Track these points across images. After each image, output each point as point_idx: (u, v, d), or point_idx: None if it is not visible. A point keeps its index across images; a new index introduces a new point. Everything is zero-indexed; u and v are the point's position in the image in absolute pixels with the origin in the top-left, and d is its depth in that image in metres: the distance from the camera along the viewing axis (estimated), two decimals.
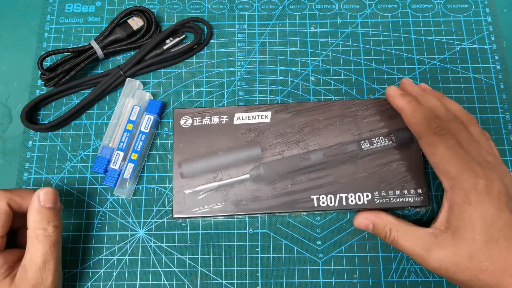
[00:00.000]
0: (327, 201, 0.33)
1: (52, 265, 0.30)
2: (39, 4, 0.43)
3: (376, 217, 0.32)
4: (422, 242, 0.29)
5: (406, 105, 0.30)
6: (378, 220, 0.32)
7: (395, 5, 0.43)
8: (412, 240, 0.30)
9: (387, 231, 0.31)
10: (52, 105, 0.40)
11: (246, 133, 0.35)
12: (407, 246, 0.30)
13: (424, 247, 0.29)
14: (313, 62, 0.41)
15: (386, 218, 0.32)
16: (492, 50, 0.41)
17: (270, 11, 0.43)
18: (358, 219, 0.33)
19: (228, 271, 0.35)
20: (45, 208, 0.30)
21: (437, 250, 0.28)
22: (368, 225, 0.32)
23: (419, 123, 0.30)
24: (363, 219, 0.32)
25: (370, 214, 0.32)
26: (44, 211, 0.30)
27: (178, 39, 0.40)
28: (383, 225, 0.31)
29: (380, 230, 0.31)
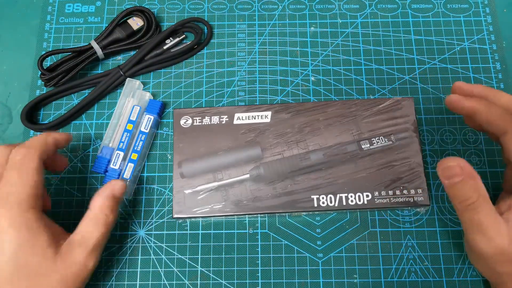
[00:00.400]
0: (327, 201, 0.33)
1: (98, 252, 0.31)
2: (39, 4, 0.43)
3: (472, 175, 0.28)
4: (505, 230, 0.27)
5: (478, 105, 0.30)
6: (472, 182, 0.28)
7: (395, 5, 0.43)
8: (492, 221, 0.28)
9: (474, 199, 0.28)
10: (52, 105, 0.40)
11: (246, 133, 0.35)
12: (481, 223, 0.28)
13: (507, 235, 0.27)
14: (313, 62, 0.41)
15: (480, 186, 0.28)
16: (492, 50, 0.41)
17: (270, 11, 0.43)
18: (449, 160, 0.28)
19: (228, 271, 0.35)
20: (115, 197, 0.32)
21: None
22: (454, 174, 0.28)
23: (500, 119, 0.29)
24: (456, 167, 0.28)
25: (468, 166, 0.28)
26: (114, 200, 0.32)
27: (178, 39, 0.40)
28: (474, 189, 0.28)
29: (467, 192, 0.28)
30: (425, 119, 0.38)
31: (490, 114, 0.30)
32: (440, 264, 0.34)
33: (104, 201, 0.31)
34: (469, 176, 0.28)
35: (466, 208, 0.28)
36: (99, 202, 0.31)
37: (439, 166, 0.29)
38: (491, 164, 0.37)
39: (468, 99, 0.31)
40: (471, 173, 0.28)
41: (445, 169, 0.28)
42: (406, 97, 0.36)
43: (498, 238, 0.27)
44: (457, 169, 0.28)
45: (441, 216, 0.36)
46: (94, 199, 0.32)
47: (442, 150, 0.38)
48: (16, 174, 0.29)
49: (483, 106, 0.30)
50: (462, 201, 0.28)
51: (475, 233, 0.28)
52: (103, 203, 0.31)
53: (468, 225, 0.29)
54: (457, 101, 0.31)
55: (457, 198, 0.28)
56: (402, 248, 0.35)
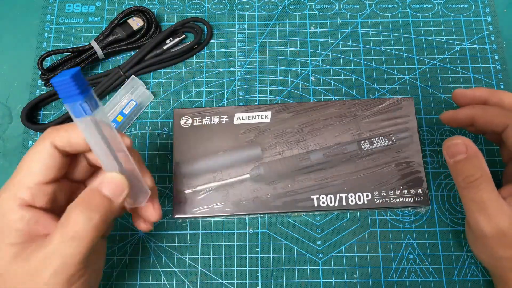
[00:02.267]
0: (327, 201, 0.33)
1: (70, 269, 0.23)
2: (39, 4, 0.43)
3: (476, 154, 0.28)
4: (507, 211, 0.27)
5: (473, 111, 0.30)
6: (476, 160, 0.28)
7: (395, 5, 0.43)
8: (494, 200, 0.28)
9: (478, 176, 0.28)
10: (52, 105, 0.40)
11: (246, 133, 0.35)
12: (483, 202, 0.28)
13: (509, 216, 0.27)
14: (313, 62, 0.41)
15: (484, 165, 0.28)
16: (492, 50, 0.41)
17: (270, 11, 0.43)
18: (456, 139, 0.29)
19: (228, 271, 0.35)
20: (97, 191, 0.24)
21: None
22: (459, 152, 0.28)
23: (499, 116, 0.29)
24: (461, 144, 0.28)
25: (473, 146, 0.28)
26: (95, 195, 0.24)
27: (178, 39, 0.40)
28: (477, 166, 0.28)
29: (471, 169, 0.28)
30: (425, 119, 0.38)
31: (487, 115, 0.30)
32: (440, 264, 0.34)
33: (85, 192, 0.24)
34: (474, 155, 0.28)
35: (468, 185, 0.28)
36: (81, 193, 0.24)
37: (444, 144, 0.29)
38: (491, 164, 0.37)
39: (461, 110, 0.31)
40: (476, 151, 0.28)
41: (450, 146, 0.29)
42: (406, 97, 0.36)
43: (500, 218, 0.27)
44: (462, 147, 0.28)
45: (441, 216, 0.36)
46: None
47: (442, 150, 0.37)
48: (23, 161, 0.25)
49: (478, 109, 0.30)
50: (465, 177, 0.28)
51: (476, 212, 0.28)
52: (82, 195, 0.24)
53: (469, 204, 0.29)
54: (451, 117, 0.32)
55: (460, 175, 0.29)
56: (402, 248, 0.35)
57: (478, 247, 0.31)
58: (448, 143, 0.29)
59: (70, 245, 0.23)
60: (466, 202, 0.29)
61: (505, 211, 0.27)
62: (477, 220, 0.28)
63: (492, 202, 0.28)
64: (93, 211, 0.23)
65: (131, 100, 0.38)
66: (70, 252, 0.23)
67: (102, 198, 0.24)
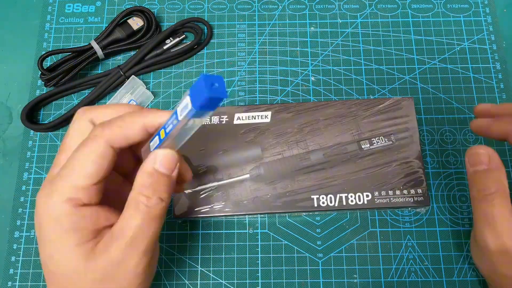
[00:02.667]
0: (327, 201, 0.33)
1: (142, 247, 0.23)
2: (39, 4, 0.43)
3: (498, 166, 0.28)
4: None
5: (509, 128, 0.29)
6: (496, 173, 0.28)
7: (395, 5, 0.43)
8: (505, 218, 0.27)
9: (493, 191, 0.27)
10: (52, 105, 0.40)
11: (246, 133, 0.35)
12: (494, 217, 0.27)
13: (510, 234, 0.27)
14: (313, 62, 0.41)
15: (503, 180, 0.28)
16: (492, 50, 0.41)
17: (270, 11, 0.43)
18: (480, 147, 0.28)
19: (228, 271, 0.35)
20: (158, 172, 0.24)
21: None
22: (481, 162, 0.28)
23: None
24: (485, 155, 0.28)
25: (495, 154, 0.28)
26: (157, 177, 0.24)
27: (178, 39, 0.40)
28: (495, 180, 0.28)
29: (488, 182, 0.28)
30: (425, 119, 0.38)
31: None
32: (440, 264, 0.34)
33: (144, 179, 0.23)
34: (495, 167, 0.28)
35: (482, 198, 0.28)
36: (139, 179, 0.24)
37: (468, 151, 0.29)
38: None
39: (496, 123, 0.30)
40: (498, 165, 0.28)
41: (473, 155, 0.28)
42: (406, 97, 0.36)
43: (507, 236, 0.27)
44: (485, 158, 0.28)
45: (441, 216, 0.36)
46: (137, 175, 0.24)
47: (442, 150, 0.38)
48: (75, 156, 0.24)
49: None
50: (480, 190, 0.28)
51: (485, 225, 0.28)
52: (142, 182, 0.23)
53: (479, 217, 0.28)
54: (484, 127, 0.30)
55: (476, 186, 0.28)
56: (402, 248, 0.35)
57: (480, 260, 0.31)
58: (472, 151, 0.28)
59: (150, 226, 0.23)
60: (476, 214, 0.29)
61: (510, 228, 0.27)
62: (484, 234, 0.28)
63: (503, 220, 0.27)
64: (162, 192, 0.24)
65: (131, 100, 0.38)
66: (151, 232, 0.23)
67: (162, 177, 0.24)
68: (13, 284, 0.35)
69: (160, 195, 0.24)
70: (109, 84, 0.39)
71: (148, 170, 0.24)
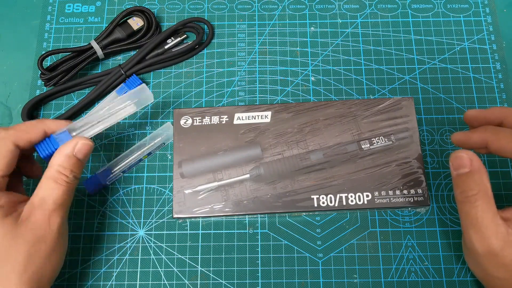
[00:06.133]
0: (327, 201, 0.33)
1: (61, 213, 0.29)
2: (39, 4, 0.43)
3: (479, 169, 0.28)
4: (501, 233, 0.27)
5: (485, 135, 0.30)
6: (478, 176, 0.28)
7: (395, 5, 0.43)
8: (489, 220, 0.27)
9: (475, 192, 0.28)
10: (52, 105, 0.40)
11: (246, 133, 0.35)
12: (479, 218, 0.27)
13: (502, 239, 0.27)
14: (313, 62, 0.41)
15: (485, 182, 0.28)
16: (492, 50, 0.41)
17: (270, 11, 0.43)
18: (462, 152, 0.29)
19: (228, 271, 0.35)
20: (75, 157, 0.30)
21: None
22: (462, 165, 0.28)
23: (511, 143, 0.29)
24: (466, 158, 0.28)
25: (475, 157, 0.28)
26: (74, 160, 0.30)
27: (179, 39, 0.40)
28: (477, 182, 0.28)
29: (470, 184, 0.28)
30: (425, 119, 0.38)
31: (500, 141, 0.29)
32: (440, 264, 0.34)
33: (63, 160, 0.30)
34: (476, 170, 0.28)
35: (465, 200, 0.28)
36: (58, 160, 0.30)
37: (451, 156, 0.29)
38: (491, 164, 0.37)
39: (474, 134, 0.30)
40: (479, 167, 0.28)
41: (456, 158, 0.29)
42: (406, 97, 0.36)
43: (492, 239, 0.27)
44: (466, 161, 0.28)
45: (441, 216, 0.36)
46: (54, 156, 0.30)
47: (442, 150, 0.38)
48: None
49: (491, 134, 0.29)
50: (463, 191, 0.28)
51: (470, 227, 0.28)
52: (61, 162, 0.30)
53: (464, 219, 0.29)
54: (463, 140, 0.31)
55: (459, 188, 0.29)
56: (402, 248, 0.35)
57: (471, 262, 0.31)
58: (454, 155, 0.29)
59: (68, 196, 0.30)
60: (461, 216, 0.29)
61: (500, 232, 0.27)
62: (471, 237, 0.28)
63: (487, 221, 0.27)
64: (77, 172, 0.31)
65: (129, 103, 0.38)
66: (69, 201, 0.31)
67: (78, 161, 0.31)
68: None
69: (76, 175, 0.30)
70: (110, 83, 0.39)
71: (68, 153, 0.30)
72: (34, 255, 0.28)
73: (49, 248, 0.29)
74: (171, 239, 0.35)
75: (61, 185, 0.29)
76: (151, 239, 0.36)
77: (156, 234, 0.36)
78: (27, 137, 0.30)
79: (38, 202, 0.29)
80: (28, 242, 0.28)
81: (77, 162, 0.30)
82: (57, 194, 0.29)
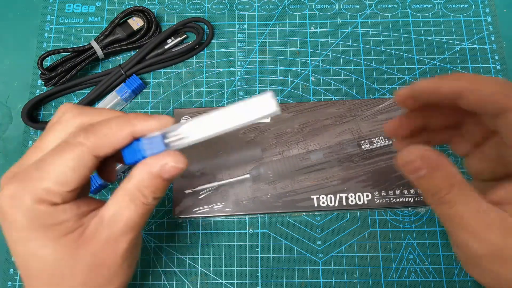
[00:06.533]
0: (327, 201, 0.33)
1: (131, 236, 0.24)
2: (39, 4, 0.43)
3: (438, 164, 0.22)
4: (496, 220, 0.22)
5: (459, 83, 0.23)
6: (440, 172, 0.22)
7: (395, 5, 0.43)
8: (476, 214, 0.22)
9: (447, 191, 0.22)
10: (52, 105, 0.40)
11: (246, 133, 0.35)
12: (465, 217, 0.22)
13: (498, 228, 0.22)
14: (313, 62, 0.41)
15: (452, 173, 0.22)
16: (492, 50, 0.41)
17: (270, 11, 0.43)
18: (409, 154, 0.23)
19: (228, 271, 0.35)
20: (161, 177, 0.24)
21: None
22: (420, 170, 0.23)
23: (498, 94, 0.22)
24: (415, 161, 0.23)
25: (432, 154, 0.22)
26: (158, 181, 0.24)
27: (179, 39, 0.40)
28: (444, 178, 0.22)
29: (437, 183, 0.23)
30: None
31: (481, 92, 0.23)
32: (440, 264, 0.34)
33: (145, 180, 0.23)
34: (436, 165, 0.22)
35: (440, 202, 0.23)
36: (139, 177, 0.23)
37: (399, 160, 0.23)
38: None
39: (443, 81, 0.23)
40: (436, 162, 0.22)
41: (405, 165, 0.23)
42: None
43: (489, 232, 0.22)
44: (418, 163, 0.23)
45: None
46: (137, 168, 0.23)
47: (442, 150, 0.37)
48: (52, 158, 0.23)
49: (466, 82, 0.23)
50: (434, 194, 0.23)
51: (459, 230, 0.23)
52: (143, 182, 0.23)
53: (448, 223, 0.23)
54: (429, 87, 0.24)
55: (428, 192, 0.23)
56: (402, 248, 0.35)
57: (476, 271, 0.25)
58: (402, 161, 0.23)
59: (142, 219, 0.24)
60: (444, 221, 0.24)
61: (493, 221, 0.22)
62: (464, 240, 0.23)
63: (474, 215, 0.22)
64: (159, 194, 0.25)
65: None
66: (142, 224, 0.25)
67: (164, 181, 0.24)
68: (13, 284, 0.35)
69: (157, 196, 0.24)
70: (110, 82, 0.39)
71: (153, 172, 0.23)
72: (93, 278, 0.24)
73: (112, 273, 0.24)
74: (171, 239, 0.35)
75: (137, 206, 0.24)
76: (151, 239, 0.35)
77: (156, 234, 0.36)
78: (110, 144, 0.23)
79: (107, 219, 0.23)
80: (87, 266, 0.23)
81: (162, 183, 0.24)
82: (129, 215, 0.24)
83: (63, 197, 0.23)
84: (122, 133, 0.23)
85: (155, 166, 0.23)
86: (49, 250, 0.23)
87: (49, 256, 0.23)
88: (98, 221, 0.24)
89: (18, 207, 0.22)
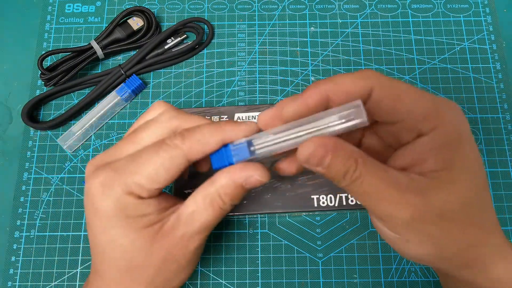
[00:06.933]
0: (327, 201, 0.33)
1: (203, 236, 0.26)
2: (39, 4, 0.43)
3: (337, 146, 0.21)
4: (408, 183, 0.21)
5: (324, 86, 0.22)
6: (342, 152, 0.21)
7: (395, 5, 0.43)
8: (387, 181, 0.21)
9: (353, 167, 0.21)
10: (52, 105, 0.40)
11: None
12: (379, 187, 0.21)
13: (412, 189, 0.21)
14: (313, 62, 0.41)
15: (353, 150, 0.22)
16: (492, 50, 0.41)
17: (270, 11, 0.43)
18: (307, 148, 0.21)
19: (228, 271, 0.35)
20: (242, 188, 0.25)
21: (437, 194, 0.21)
22: (324, 158, 0.21)
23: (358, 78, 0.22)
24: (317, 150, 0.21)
25: (327, 139, 0.21)
26: (239, 190, 0.25)
27: (180, 39, 0.40)
28: (346, 156, 0.21)
29: (344, 165, 0.21)
30: None
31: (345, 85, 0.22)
32: None
33: (228, 187, 0.24)
34: (335, 150, 0.21)
35: (351, 181, 0.22)
36: (222, 182, 0.24)
37: (300, 156, 0.22)
38: (491, 164, 0.37)
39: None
40: (334, 144, 0.21)
41: (309, 158, 0.22)
42: None
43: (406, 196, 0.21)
44: (320, 152, 0.21)
45: None
46: (222, 174, 0.24)
47: None
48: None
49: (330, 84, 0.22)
50: (344, 176, 0.22)
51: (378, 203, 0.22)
52: (225, 189, 0.24)
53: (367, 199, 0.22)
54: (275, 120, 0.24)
55: (338, 176, 0.22)
56: None
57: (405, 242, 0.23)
58: (304, 156, 0.22)
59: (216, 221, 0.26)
60: (362, 200, 0.22)
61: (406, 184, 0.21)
62: (386, 210, 0.22)
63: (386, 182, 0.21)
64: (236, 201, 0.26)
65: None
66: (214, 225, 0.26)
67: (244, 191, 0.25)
68: (13, 284, 0.35)
69: (234, 203, 0.26)
70: (110, 83, 0.39)
71: (237, 181, 0.24)
72: (164, 271, 0.26)
73: (181, 267, 0.26)
74: None
75: (214, 209, 0.25)
76: None
77: None
78: (203, 150, 0.24)
79: (185, 217, 0.25)
80: (161, 259, 0.25)
81: (242, 192, 0.25)
82: (207, 217, 0.25)
83: (150, 192, 0.24)
84: (213, 139, 0.24)
85: (240, 176, 0.24)
86: (129, 239, 0.24)
87: (129, 246, 0.24)
88: (176, 218, 0.25)
89: (108, 195, 0.24)
